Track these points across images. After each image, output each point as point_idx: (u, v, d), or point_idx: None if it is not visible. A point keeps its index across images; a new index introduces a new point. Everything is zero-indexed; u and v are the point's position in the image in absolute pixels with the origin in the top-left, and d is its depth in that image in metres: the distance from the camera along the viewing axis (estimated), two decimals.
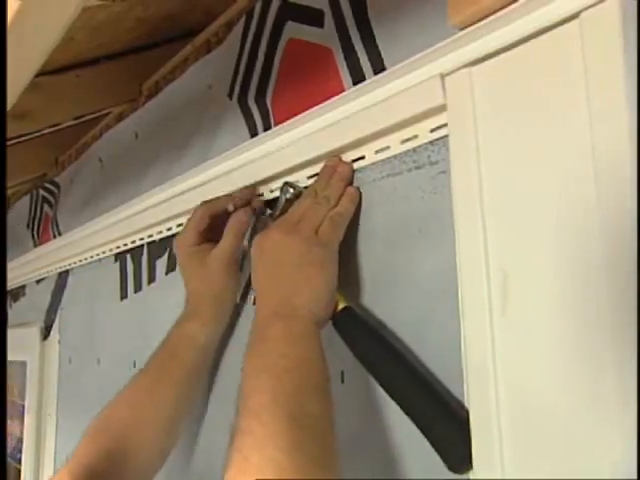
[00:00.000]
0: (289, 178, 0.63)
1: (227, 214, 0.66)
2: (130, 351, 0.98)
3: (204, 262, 0.66)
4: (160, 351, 0.69)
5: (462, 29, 0.42)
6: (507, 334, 0.39)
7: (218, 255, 0.66)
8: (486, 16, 0.41)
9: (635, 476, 0.32)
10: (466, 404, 0.41)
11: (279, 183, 0.63)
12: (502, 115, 0.41)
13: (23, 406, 1.40)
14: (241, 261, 0.69)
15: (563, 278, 0.36)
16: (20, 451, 1.39)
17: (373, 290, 0.54)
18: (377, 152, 0.54)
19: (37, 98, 0.92)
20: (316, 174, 0.59)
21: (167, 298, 0.89)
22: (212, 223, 0.67)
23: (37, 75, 0.52)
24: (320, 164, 0.59)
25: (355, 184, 0.57)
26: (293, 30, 0.62)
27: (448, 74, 0.44)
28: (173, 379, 0.67)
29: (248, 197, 0.67)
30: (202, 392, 0.76)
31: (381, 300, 0.53)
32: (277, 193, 0.63)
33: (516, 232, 0.39)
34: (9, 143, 1.06)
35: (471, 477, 0.41)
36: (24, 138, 1.06)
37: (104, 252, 1.09)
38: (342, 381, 0.56)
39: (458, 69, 0.43)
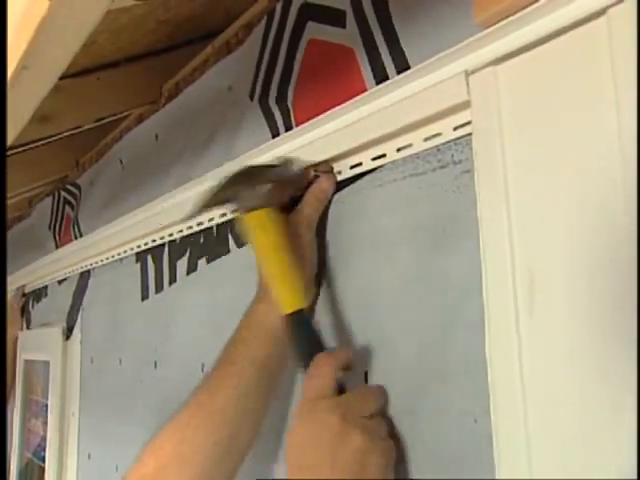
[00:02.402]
0: None
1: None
2: (151, 351, 0.99)
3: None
4: (228, 340, 0.60)
5: (487, 27, 0.42)
6: (534, 336, 0.38)
7: (295, 218, 0.58)
8: (511, 14, 0.40)
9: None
10: (491, 406, 0.41)
11: None
12: (527, 113, 0.40)
13: (46, 405, 1.42)
14: None
15: (592, 278, 0.36)
16: (44, 449, 1.41)
17: (397, 292, 0.53)
18: (399, 150, 0.53)
19: (59, 101, 0.93)
20: (338, 172, 0.60)
21: (188, 299, 0.89)
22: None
23: (59, 78, 0.52)
24: (340, 161, 0.59)
25: (376, 184, 0.57)
26: (314, 30, 0.62)
27: (473, 72, 0.43)
28: (236, 373, 0.57)
29: (327, 170, 0.60)
30: (276, 392, 0.63)
31: (406, 301, 0.52)
32: None
33: (543, 231, 0.39)
34: (31, 146, 1.07)
35: (497, 477, 0.41)
36: (45, 141, 1.08)
37: (125, 251, 1.10)
38: (365, 381, 0.56)
39: (483, 67, 0.43)
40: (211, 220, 0.82)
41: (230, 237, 0.79)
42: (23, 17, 0.38)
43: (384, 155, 0.55)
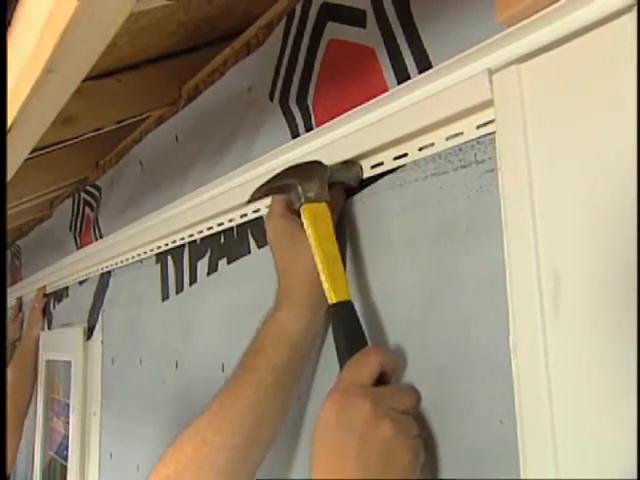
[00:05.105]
0: None
1: None
2: (172, 352, 0.99)
3: (297, 237, 0.58)
4: (248, 347, 0.61)
5: (510, 26, 0.42)
6: (560, 336, 0.38)
7: None
8: (535, 12, 0.40)
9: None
10: (516, 407, 0.40)
11: None
12: (551, 112, 0.40)
13: (68, 404, 1.43)
14: None
15: (618, 278, 0.36)
16: (66, 448, 1.42)
17: (420, 291, 0.53)
18: (421, 149, 0.53)
19: (80, 103, 0.94)
20: None
21: (209, 299, 0.90)
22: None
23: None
24: (362, 161, 0.59)
25: (397, 183, 0.57)
26: (334, 31, 0.62)
27: (496, 70, 0.43)
28: (256, 380, 0.58)
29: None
30: (295, 396, 0.65)
31: (429, 302, 0.52)
32: None
33: (568, 230, 0.38)
34: (53, 148, 1.08)
35: (522, 477, 0.41)
36: (66, 143, 1.09)
37: (145, 252, 1.11)
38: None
39: (506, 65, 0.42)
40: (231, 220, 0.82)
41: (251, 238, 0.80)
42: (49, 20, 0.39)
43: (406, 154, 0.55)
